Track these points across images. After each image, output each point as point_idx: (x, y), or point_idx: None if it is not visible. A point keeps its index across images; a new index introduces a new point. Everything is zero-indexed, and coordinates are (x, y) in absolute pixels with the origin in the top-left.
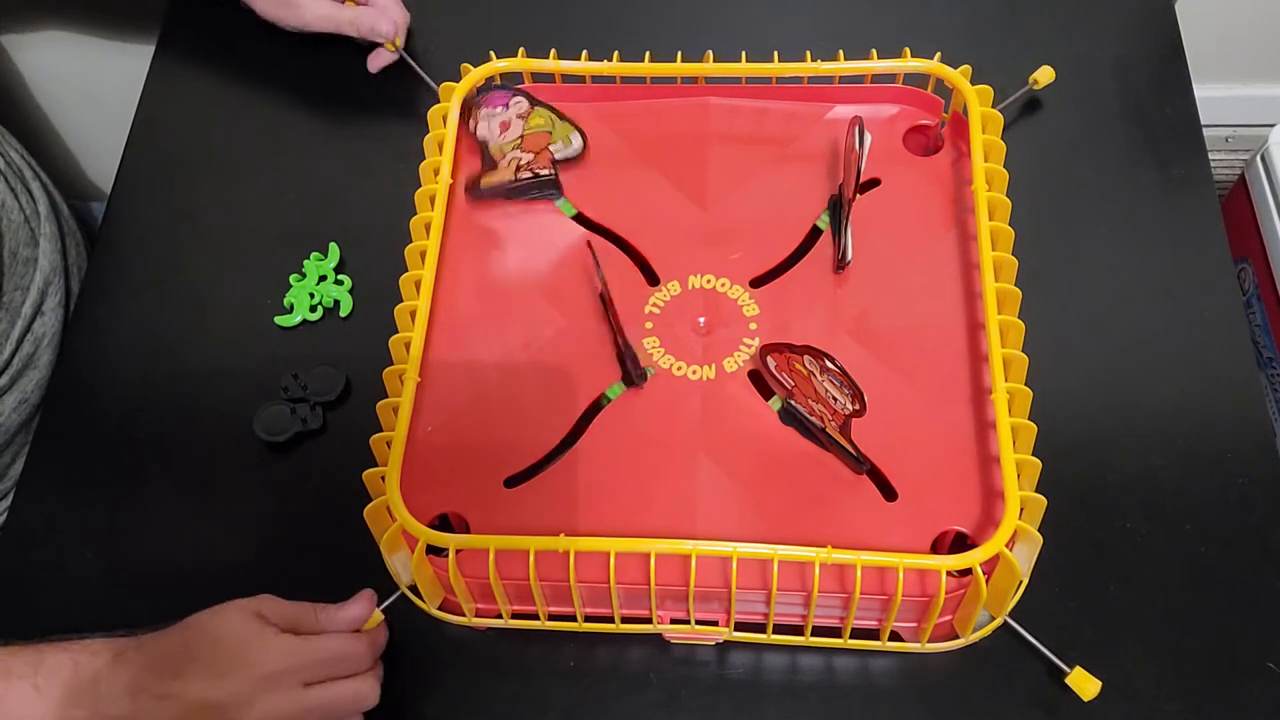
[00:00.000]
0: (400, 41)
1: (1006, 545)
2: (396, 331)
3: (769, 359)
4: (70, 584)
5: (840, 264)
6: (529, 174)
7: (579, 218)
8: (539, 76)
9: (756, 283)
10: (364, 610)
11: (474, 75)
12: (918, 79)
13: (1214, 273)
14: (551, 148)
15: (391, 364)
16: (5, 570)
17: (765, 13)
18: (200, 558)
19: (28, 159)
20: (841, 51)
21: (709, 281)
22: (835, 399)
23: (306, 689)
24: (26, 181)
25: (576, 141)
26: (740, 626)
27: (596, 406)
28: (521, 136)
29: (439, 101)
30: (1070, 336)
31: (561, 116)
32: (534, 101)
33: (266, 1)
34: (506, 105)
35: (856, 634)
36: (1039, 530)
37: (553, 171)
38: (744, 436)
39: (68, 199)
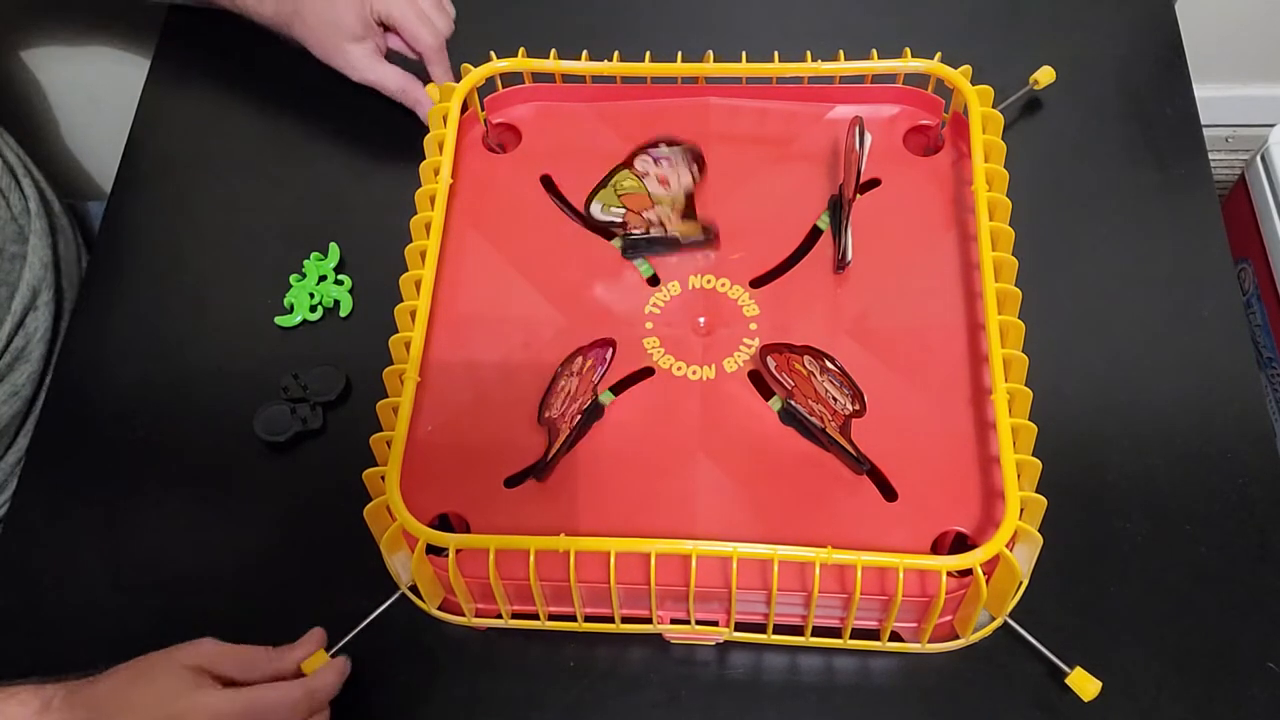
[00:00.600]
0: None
1: (1007, 545)
2: (396, 331)
3: (769, 359)
4: (70, 584)
5: (840, 264)
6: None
7: (578, 215)
8: (539, 76)
9: (756, 283)
10: (314, 648)
11: (474, 75)
12: (918, 79)
13: (1214, 273)
14: (650, 214)
15: (391, 364)
16: (5, 570)
17: (765, 13)
18: (200, 558)
19: (21, 157)
20: (841, 51)
21: (709, 281)
22: (835, 399)
23: None
24: (18, 178)
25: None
26: (740, 627)
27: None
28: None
29: (439, 101)
30: (1070, 336)
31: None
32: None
33: (321, 47)
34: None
35: (857, 634)
36: (1039, 530)
37: (646, 232)
38: (744, 437)
39: (66, 198)
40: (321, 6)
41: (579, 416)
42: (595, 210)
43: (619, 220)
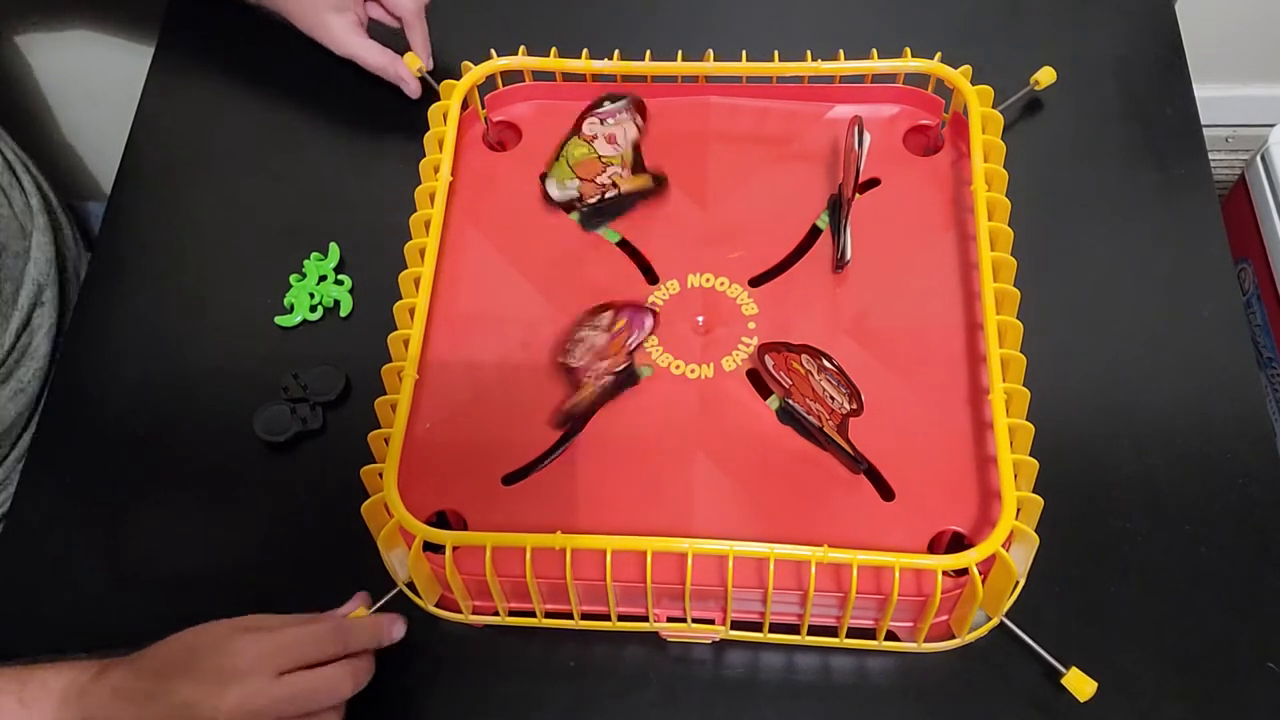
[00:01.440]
0: (427, 66)
1: (1003, 545)
2: (396, 330)
3: (767, 358)
4: (71, 584)
5: (839, 264)
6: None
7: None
8: (540, 75)
9: (755, 282)
10: (354, 608)
11: (475, 73)
12: (918, 79)
13: (1214, 273)
14: (604, 178)
15: (390, 362)
16: (6, 570)
17: (766, 12)
18: (200, 558)
19: (20, 155)
20: (842, 51)
21: (708, 280)
22: (833, 398)
23: (278, 678)
24: (17, 175)
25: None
26: (736, 625)
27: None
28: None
29: (439, 99)
30: (1070, 337)
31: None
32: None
33: (304, 18)
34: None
35: (853, 633)
36: (1038, 530)
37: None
38: (742, 435)
39: (68, 199)
40: None
41: (610, 378)
42: (552, 190)
43: (575, 195)
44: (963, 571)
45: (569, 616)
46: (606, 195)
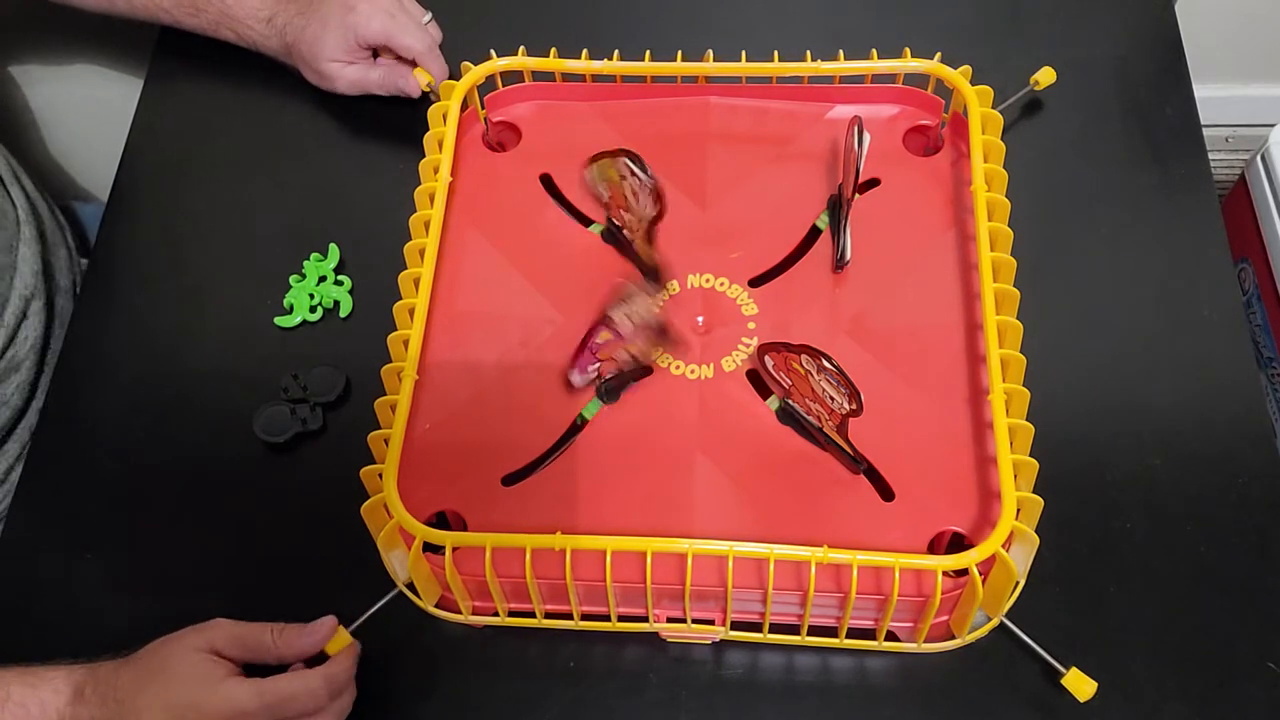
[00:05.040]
0: (434, 84)
1: (1003, 546)
2: (396, 331)
3: (767, 358)
4: (70, 585)
5: (839, 264)
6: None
7: (577, 214)
8: (539, 75)
9: (755, 282)
10: (323, 638)
11: (474, 73)
12: (918, 79)
13: (1214, 273)
14: (626, 214)
15: (390, 362)
16: (6, 571)
17: (765, 12)
18: (200, 558)
19: (10, 161)
20: (841, 51)
21: (708, 281)
22: (832, 399)
23: None
24: (6, 185)
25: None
26: (736, 625)
27: (575, 427)
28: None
29: (439, 99)
30: (1070, 337)
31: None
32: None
33: (308, 72)
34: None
35: (853, 634)
36: (1038, 530)
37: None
38: (741, 436)
39: (59, 199)
40: (312, 39)
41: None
42: (593, 173)
43: (605, 199)
44: (963, 572)
45: (569, 617)
46: (624, 232)
